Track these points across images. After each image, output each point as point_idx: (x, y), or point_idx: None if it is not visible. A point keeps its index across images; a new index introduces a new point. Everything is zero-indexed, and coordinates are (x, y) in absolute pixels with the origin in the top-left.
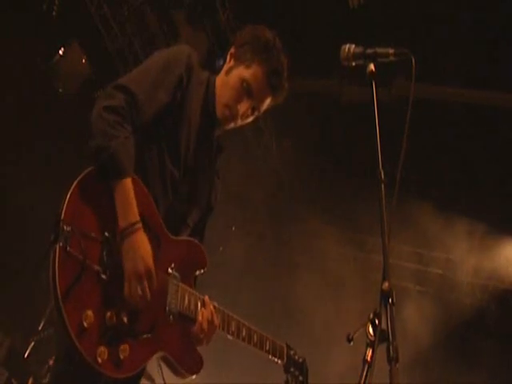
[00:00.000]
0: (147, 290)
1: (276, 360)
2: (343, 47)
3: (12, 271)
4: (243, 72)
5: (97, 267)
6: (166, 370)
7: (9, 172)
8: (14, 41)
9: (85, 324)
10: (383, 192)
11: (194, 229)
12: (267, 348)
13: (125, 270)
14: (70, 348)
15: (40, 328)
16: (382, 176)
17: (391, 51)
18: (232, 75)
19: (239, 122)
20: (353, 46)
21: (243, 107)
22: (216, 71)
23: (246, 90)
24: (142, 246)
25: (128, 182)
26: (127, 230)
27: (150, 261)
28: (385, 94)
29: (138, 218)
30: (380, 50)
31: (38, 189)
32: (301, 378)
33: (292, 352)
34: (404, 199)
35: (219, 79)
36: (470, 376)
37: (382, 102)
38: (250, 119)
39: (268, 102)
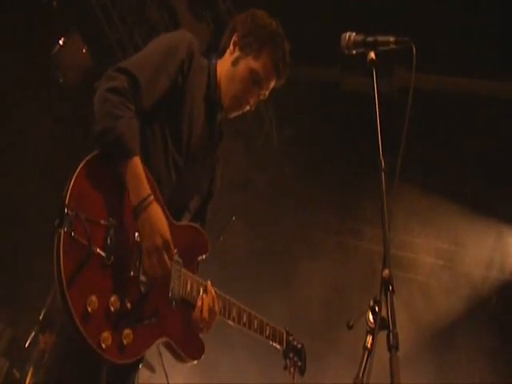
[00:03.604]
0: (167, 262)
1: (276, 345)
2: (343, 35)
3: (13, 261)
4: (252, 64)
5: (101, 253)
6: (166, 357)
7: (9, 164)
8: (13, 31)
9: (89, 309)
10: (384, 181)
11: (194, 214)
12: (267, 333)
13: (143, 245)
14: (73, 333)
15: (41, 318)
16: (383, 165)
17: (392, 39)
18: (240, 67)
19: (245, 109)
20: (353, 34)
21: (253, 98)
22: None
23: (254, 81)
24: (157, 218)
25: (136, 160)
26: (141, 205)
27: (166, 232)
28: (386, 84)
29: (149, 192)
30: (380, 38)
31: (39, 179)
32: (299, 364)
33: (291, 338)
34: (406, 189)
35: (223, 69)
36: (469, 368)
37: (383, 92)
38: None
39: (272, 85)
